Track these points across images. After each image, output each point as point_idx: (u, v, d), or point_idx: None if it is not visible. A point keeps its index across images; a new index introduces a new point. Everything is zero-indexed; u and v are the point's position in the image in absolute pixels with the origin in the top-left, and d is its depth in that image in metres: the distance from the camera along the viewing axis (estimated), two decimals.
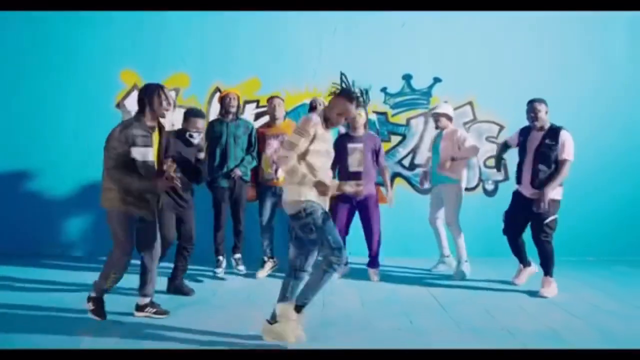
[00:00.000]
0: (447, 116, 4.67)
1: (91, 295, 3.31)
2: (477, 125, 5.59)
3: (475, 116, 5.58)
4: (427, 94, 5.58)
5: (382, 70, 5.47)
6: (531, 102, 4.13)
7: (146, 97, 3.17)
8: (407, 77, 5.56)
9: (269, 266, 4.66)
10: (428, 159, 5.02)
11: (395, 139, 5.60)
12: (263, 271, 4.60)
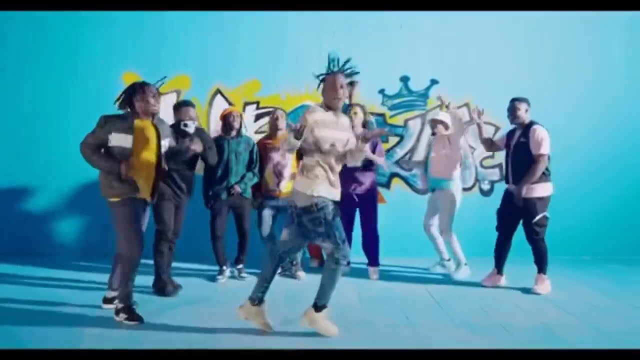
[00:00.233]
0: (444, 124, 4.75)
1: (119, 307, 3.23)
2: (474, 127, 5.64)
3: (472, 117, 5.63)
4: (424, 95, 5.66)
5: (381, 72, 5.53)
6: (512, 101, 4.27)
7: (130, 94, 3.28)
8: (405, 79, 5.64)
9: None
10: (424, 159, 5.08)
11: (393, 139, 5.68)
12: None
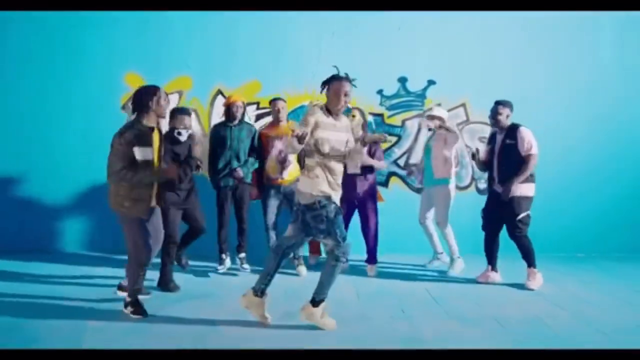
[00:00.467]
0: (441, 119, 4.86)
1: (127, 301, 3.39)
2: (470, 126, 5.77)
3: (469, 117, 5.76)
4: (421, 96, 5.76)
5: (379, 72, 5.62)
6: (496, 104, 4.36)
7: (144, 98, 3.31)
8: (403, 80, 5.74)
9: None
10: (421, 160, 5.19)
11: (391, 139, 5.76)
12: None
